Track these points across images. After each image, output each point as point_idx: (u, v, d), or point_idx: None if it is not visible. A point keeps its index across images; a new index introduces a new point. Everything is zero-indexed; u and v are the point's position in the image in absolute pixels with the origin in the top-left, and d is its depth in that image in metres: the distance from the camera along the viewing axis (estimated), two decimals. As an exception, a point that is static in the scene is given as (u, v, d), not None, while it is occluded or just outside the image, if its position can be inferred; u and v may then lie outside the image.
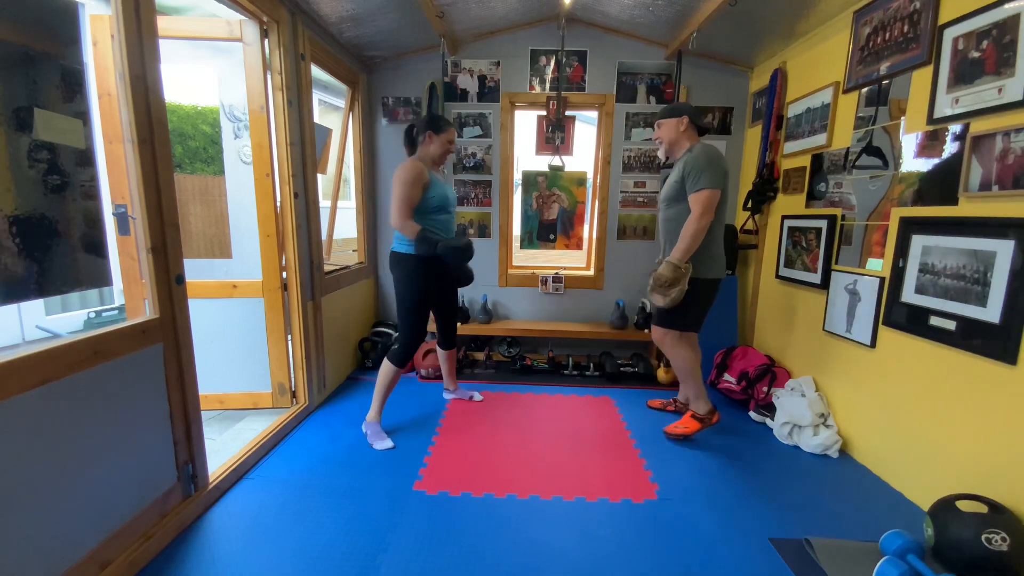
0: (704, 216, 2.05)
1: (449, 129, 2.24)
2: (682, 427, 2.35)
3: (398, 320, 2.31)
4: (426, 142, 2.23)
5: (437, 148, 2.23)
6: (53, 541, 1.20)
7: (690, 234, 2.08)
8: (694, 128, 2.22)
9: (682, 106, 2.24)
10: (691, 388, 2.35)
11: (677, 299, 2.13)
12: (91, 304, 4.03)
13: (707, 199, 2.05)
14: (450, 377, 2.77)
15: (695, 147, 2.15)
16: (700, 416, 2.34)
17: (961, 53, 1.69)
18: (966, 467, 1.66)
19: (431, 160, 2.25)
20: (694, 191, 2.08)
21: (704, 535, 1.66)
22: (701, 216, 2.06)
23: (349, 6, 2.46)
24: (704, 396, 2.34)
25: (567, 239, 3.55)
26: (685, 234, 2.09)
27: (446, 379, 2.78)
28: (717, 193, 2.06)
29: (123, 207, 2.04)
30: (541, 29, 3.22)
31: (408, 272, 2.23)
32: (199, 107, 4.40)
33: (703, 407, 2.34)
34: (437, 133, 2.21)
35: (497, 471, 2.04)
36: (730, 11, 2.36)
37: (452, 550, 1.56)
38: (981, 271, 1.61)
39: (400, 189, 2.11)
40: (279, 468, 2.02)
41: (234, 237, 2.57)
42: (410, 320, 2.26)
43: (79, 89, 1.29)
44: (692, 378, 2.32)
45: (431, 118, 2.25)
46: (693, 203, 2.08)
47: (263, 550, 1.54)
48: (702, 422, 2.34)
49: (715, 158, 2.09)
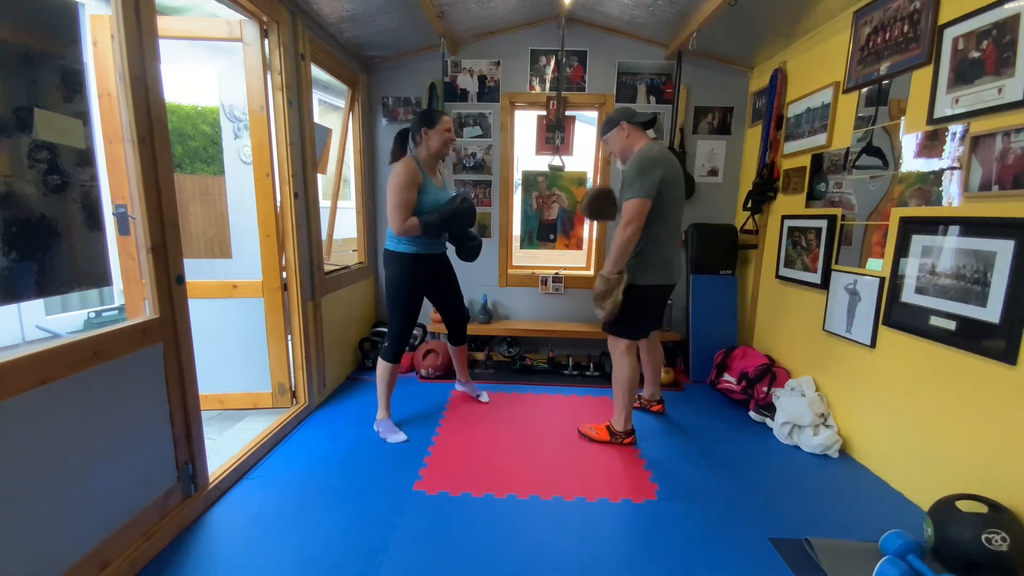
0: (628, 226, 2.01)
1: (443, 119, 2.18)
2: (593, 431, 2.33)
3: (388, 316, 2.34)
4: (424, 140, 2.19)
5: (437, 141, 2.19)
6: (53, 541, 1.20)
7: (616, 244, 2.06)
8: (638, 127, 2.16)
9: (613, 115, 2.18)
10: (618, 399, 2.27)
11: (612, 310, 2.11)
12: (91, 304, 4.03)
13: (632, 209, 2.01)
14: (461, 370, 2.76)
15: (636, 152, 2.10)
16: (615, 431, 2.28)
17: (961, 53, 1.69)
18: (966, 467, 1.66)
19: (433, 157, 2.23)
20: (624, 200, 2.06)
21: (704, 535, 1.66)
22: (626, 226, 2.02)
23: (349, 6, 2.46)
24: (628, 415, 2.26)
25: (567, 239, 3.55)
26: (612, 244, 2.09)
27: (458, 372, 2.78)
28: (646, 203, 2.00)
29: (123, 207, 2.04)
30: (541, 29, 3.22)
31: (397, 269, 2.25)
32: (199, 107, 4.40)
33: (621, 424, 2.27)
34: (431, 127, 2.17)
35: (497, 471, 2.04)
36: (730, 11, 2.36)
37: (452, 550, 1.56)
38: (981, 271, 1.61)
39: (395, 195, 2.09)
40: (279, 468, 2.02)
41: (234, 237, 2.57)
42: (397, 315, 2.28)
43: (79, 89, 1.29)
44: (622, 390, 2.24)
45: (422, 114, 2.21)
46: (623, 212, 2.06)
47: (263, 550, 1.54)
48: (613, 437, 2.28)
49: (648, 164, 2.02)
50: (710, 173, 3.36)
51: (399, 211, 2.10)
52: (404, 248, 2.24)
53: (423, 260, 2.27)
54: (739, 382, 2.73)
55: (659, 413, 2.63)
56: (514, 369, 3.29)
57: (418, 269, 2.26)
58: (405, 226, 2.11)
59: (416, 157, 2.21)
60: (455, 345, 2.66)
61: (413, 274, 2.26)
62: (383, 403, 2.38)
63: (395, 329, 2.31)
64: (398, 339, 2.31)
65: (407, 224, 2.11)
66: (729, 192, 3.37)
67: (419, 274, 2.27)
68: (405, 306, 2.27)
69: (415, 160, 2.19)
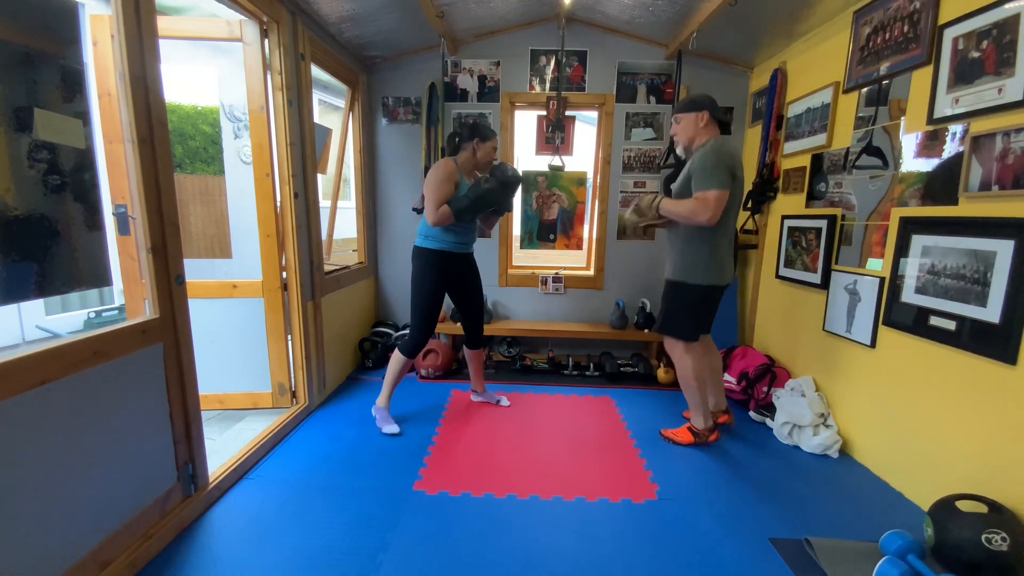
0: (705, 212, 1.90)
1: (494, 137, 2.33)
2: (676, 435, 2.32)
3: (411, 312, 2.39)
4: (472, 149, 2.30)
5: (484, 155, 2.31)
6: (53, 541, 1.20)
7: (685, 208, 1.97)
8: (715, 123, 2.07)
9: (701, 99, 2.07)
10: (690, 400, 2.27)
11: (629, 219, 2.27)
12: (91, 304, 4.03)
13: (714, 198, 1.90)
14: (476, 379, 2.74)
15: (707, 143, 2.01)
16: (696, 431, 2.28)
17: (961, 53, 1.69)
18: (966, 467, 1.66)
19: (472, 165, 2.33)
20: (699, 189, 1.94)
21: (704, 535, 1.66)
22: (702, 211, 1.91)
23: (349, 6, 2.46)
24: (705, 412, 2.25)
25: (567, 239, 3.55)
26: (684, 203, 1.99)
27: (473, 381, 2.77)
28: (725, 194, 1.91)
29: (123, 207, 2.04)
30: (541, 29, 3.22)
31: (421, 264, 2.32)
32: (199, 107, 4.39)
33: (701, 422, 2.26)
34: (485, 141, 2.30)
35: (497, 471, 2.04)
36: (730, 11, 2.36)
37: (452, 550, 1.56)
38: (981, 271, 1.61)
39: (433, 189, 2.19)
40: (279, 468, 2.02)
41: (234, 237, 2.57)
42: (420, 312, 2.34)
43: (79, 89, 1.29)
44: (691, 389, 2.22)
45: (475, 127, 2.31)
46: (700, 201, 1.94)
47: (263, 550, 1.54)
48: (697, 437, 2.27)
49: (727, 159, 1.94)
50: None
51: (435, 201, 2.18)
52: (431, 245, 2.31)
53: (449, 258, 2.33)
54: (739, 382, 2.73)
55: (727, 424, 2.46)
56: (514, 369, 3.29)
57: (443, 266, 2.32)
58: (439, 213, 2.18)
59: (456, 160, 2.31)
60: (471, 349, 2.65)
61: (437, 270, 2.31)
62: (386, 391, 2.45)
63: (415, 324, 2.37)
64: (418, 334, 2.36)
65: (440, 212, 2.18)
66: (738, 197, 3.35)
67: (444, 271, 2.33)
68: (426, 301, 2.32)
69: (455, 162, 2.28)
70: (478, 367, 2.72)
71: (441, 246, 2.30)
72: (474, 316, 2.56)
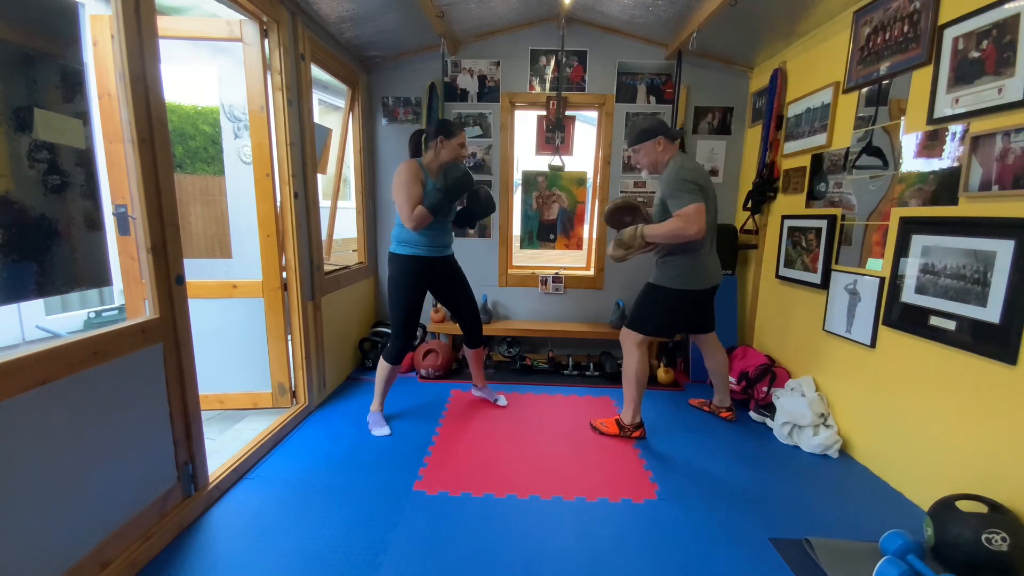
0: (691, 227, 1.97)
1: (460, 132, 2.24)
2: (603, 425, 2.41)
3: (390, 319, 2.37)
4: (436, 147, 2.23)
5: (448, 153, 2.23)
6: (53, 541, 1.20)
7: (670, 228, 2.03)
8: (671, 142, 2.17)
9: (653, 126, 2.16)
10: (626, 392, 2.33)
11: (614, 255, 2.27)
12: (91, 304, 4.02)
13: (695, 212, 1.97)
14: (477, 374, 2.76)
15: (669, 164, 2.12)
16: (623, 424, 2.35)
17: (961, 53, 1.69)
18: (966, 467, 1.66)
19: (438, 165, 2.26)
20: (676, 208, 2.01)
21: (704, 535, 1.66)
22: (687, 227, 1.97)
23: (349, 6, 2.46)
24: (636, 408, 2.32)
25: (567, 239, 3.55)
26: (666, 224, 2.05)
27: (474, 376, 2.78)
28: (703, 206, 1.99)
29: (123, 207, 2.04)
30: (541, 29, 3.22)
31: (395, 270, 2.29)
32: (199, 107, 4.39)
33: (629, 417, 2.33)
34: (448, 138, 2.21)
35: (497, 471, 2.04)
36: (730, 11, 2.36)
37: (452, 550, 1.56)
38: (981, 271, 1.61)
39: (401, 191, 2.14)
40: (279, 468, 2.02)
41: (234, 237, 2.57)
42: (398, 318, 2.32)
43: (79, 89, 1.29)
44: (630, 382, 2.29)
45: (441, 123, 2.24)
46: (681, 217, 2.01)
47: (263, 550, 1.54)
48: (622, 430, 2.35)
49: (694, 175, 2.04)
50: (710, 173, 3.35)
51: (407, 204, 2.13)
52: (404, 251, 2.27)
53: (425, 263, 2.29)
54: (739, 382, 2.73)
55: (729, 420, 2.56)
56: (514, 369, 3.29)
57: (419, 271, 2.28)
58: (415, 215, 2.12)
59: (421, 161, 2.25)
60: (471, 348, 2.65)
61: (412, 275, 2.28)
62: (378, 397, 2.45)
63: (394, 331, 2.35)
64: (399, 340, 2.35)
65: (416, 213, 2.11)
66: (729, 192, 3.37)
67: (420, 276, 2.30)
68: (402, 308, 2.30)
69: (418, 163, 2.23)
70: (478, 365, 2.73)
71: (416, 251, 2.26)
72: (468, 317, 2.55)
